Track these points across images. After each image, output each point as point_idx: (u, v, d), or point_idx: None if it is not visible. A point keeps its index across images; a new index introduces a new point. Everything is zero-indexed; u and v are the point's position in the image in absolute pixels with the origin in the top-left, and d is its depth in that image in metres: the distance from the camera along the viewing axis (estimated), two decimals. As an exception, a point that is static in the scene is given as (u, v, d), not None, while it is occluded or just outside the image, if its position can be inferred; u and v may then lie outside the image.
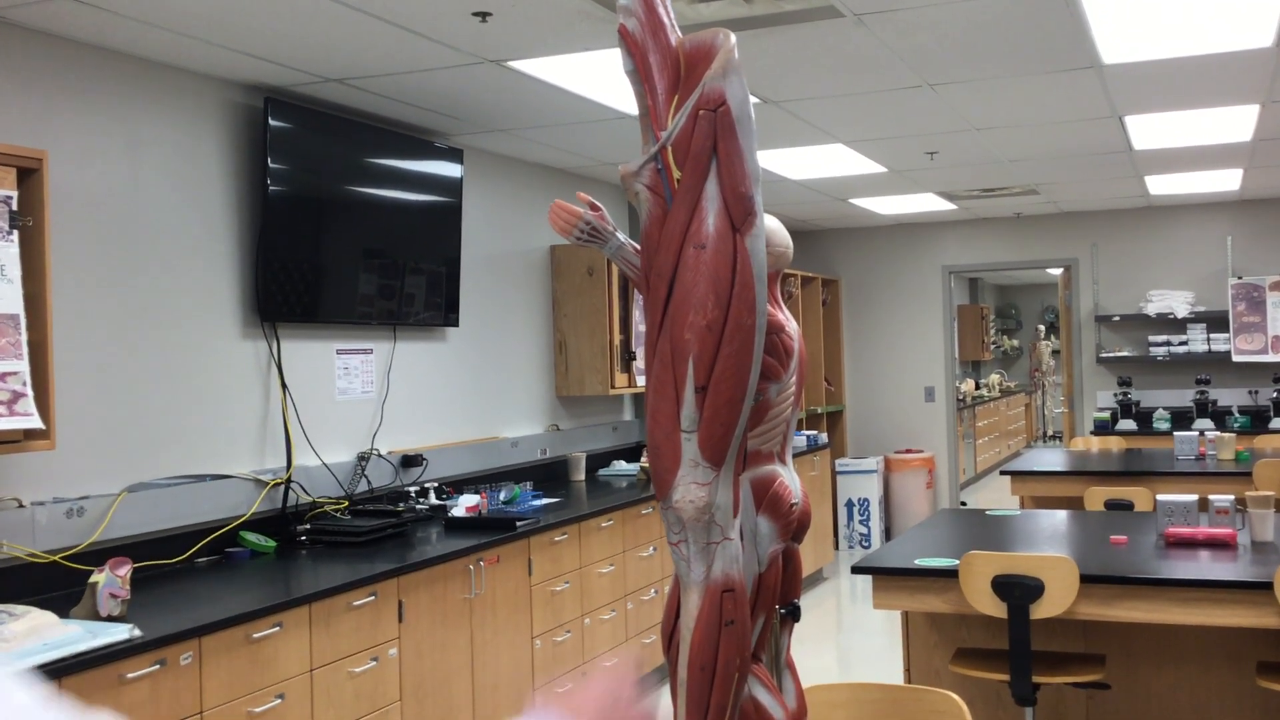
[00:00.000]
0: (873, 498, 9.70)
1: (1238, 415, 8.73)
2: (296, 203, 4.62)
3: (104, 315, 3.89)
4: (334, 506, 4.75)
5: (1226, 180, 8.07)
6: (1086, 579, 3.47)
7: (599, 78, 4.58)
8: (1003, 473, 6.87)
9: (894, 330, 10.21)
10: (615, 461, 7.06)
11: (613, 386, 6.61)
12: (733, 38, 1.22)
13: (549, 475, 6.47)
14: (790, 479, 1.65)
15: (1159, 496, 4.11)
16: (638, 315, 6.87)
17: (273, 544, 4.31)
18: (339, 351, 5.00)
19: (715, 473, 1.35)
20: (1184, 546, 3.86)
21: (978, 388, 15.37)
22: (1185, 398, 9.16)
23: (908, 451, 10.11)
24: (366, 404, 5.16)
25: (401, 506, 4.87)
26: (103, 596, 3.14)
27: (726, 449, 1.34)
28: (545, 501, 5.59)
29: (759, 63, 4.46)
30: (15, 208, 3.21)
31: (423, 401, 5.54)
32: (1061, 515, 4.86)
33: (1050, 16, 4.03)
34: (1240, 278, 8.95)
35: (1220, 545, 3.82)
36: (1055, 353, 17.88)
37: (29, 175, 3.27)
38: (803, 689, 1.69)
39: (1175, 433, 6.96)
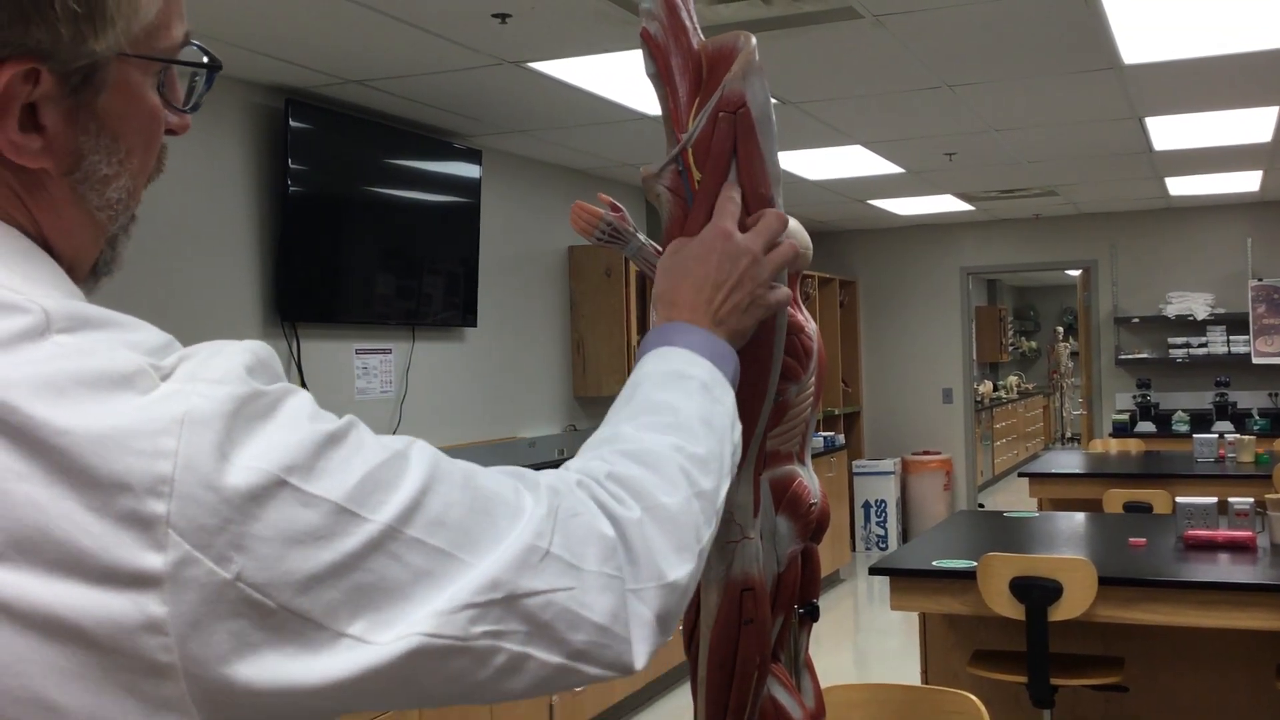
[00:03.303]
0: (890, 499, 9.68)
1: (1258, 418, 8.68)
2: (316, 203, 4.64)
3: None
4: (353, 505, 4.77)
5: (1246, 181, 8.03)
6: (1105, 581, 3.46)
7: (618, 79, 4.59)
8: (1021, 475, 6.85)
9: (911, 331, 10.19)
10: (632, 462, 7.05)
11: (630, 387, 6.62)
12: (753, 40, 1.23)
13: (566, 475, 6.48)
14: (809, 479, 1.65)
15: (1178, 499, 4.09)
16: (655, 316, 6.88)
17: (292, 542, 4.32)
18: (358, 351, 5.03)
19: (735, 472, 1.36)
20: (1203, 549, 3.84)
21: (995, 389, 15.32)
22: (1204, 400, 9.11)
23: (925, 453, 10.09)
24: (385, 404, 5.18)
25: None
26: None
27: (746, 449, 1.35)
28: (563, 501, 5.60)
29: (777, 64, 4.46)
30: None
31: (441, 401, 5.56)
32: (1080, 517, 4.85)
33: (1070, 17, 4.02)
34: (1260, 279, 8.90)
35: (1240, 548, 3.81)
36: (1074, 354, 17.79)
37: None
38: (821, 689, 1.69)
39: (1194, 435, 6.92)
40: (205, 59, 0.85)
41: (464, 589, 0.71)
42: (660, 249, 1.43)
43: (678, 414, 0.96)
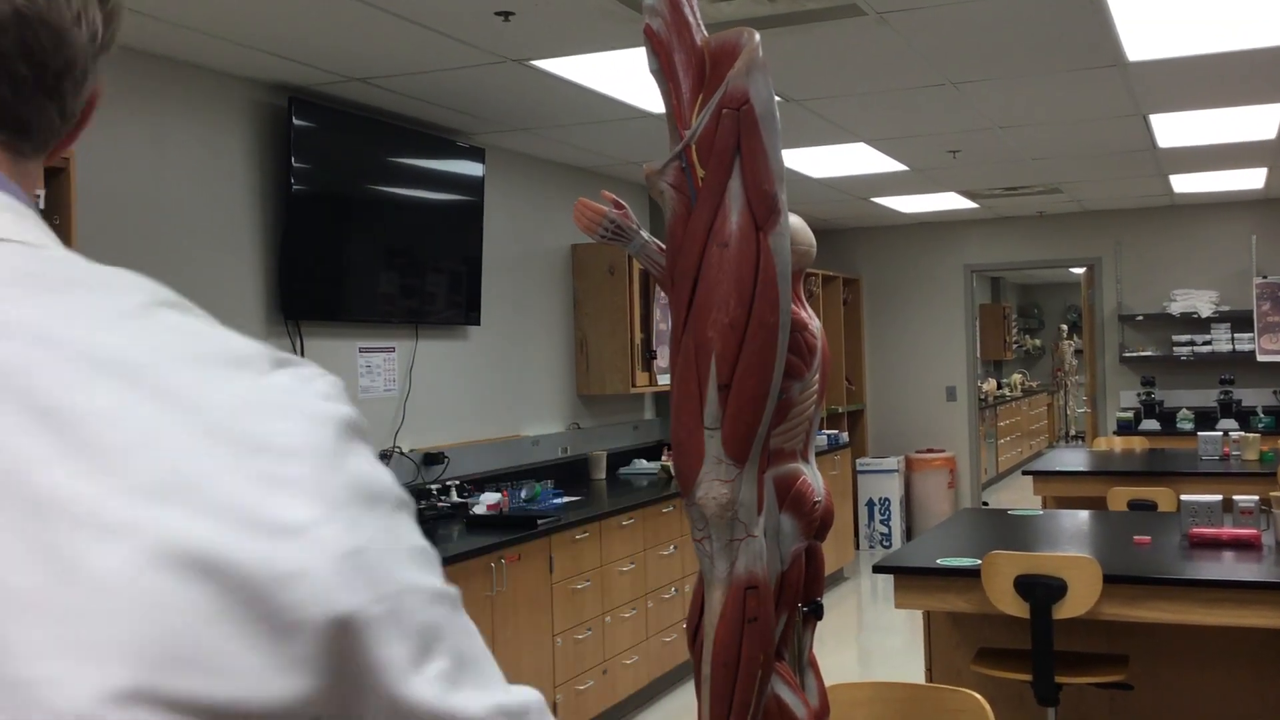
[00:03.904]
0: (894, 497, 9.67)
1: (1262, 415, 8.67)
2: (320, 201, 4.64)
3: (129, 313, 3.92)
4: (356, 504, 4.77)
5: (1251, 179, 8.02)
6: (1109, 579, 3.46)
7: (622, 76, 4.59)
8: (1025, 473, 6.84)
9: (915, 329, 10.18)
10: (636, 460, 7.06)
11: (633, 385, 6.62)
12: (757, 36, 1.23)
13: (570, 473, 6.48)
14: (813, 477, 1.65)
15: (1183, 497, 4.09)
16: (658, 314, 6.88)
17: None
18: (361, 350, 5.02)
19: (738, 470, 1.36)
20: (1208, 547, 3.84)
21: (999, 387, 15.31)
22: (1209, 398, 9.10)
23: (929, 451, 10.08)
24: (389, 402, 5.18)
25: (423, 504, 4.88)
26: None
27: (749, 446, 1.34)
28: (566, 500, 5.60)
29: (781, 61, 4.46)
30: (42, 207, 3.24)
31: (444, 399, 5.56)
32: (1084, 515, 4.84)
33: (1074, 14, 4.01)
34: (1265, 277, 8.88)
35: (1244, 546, 3.80)
36: (1078, 352, 17.78)
37: (56, 175, 3.30)
38: (825, 687, 1.69)
39: (1199, 433, 6.92)
40: None
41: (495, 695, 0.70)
42: (663, 245, 1.43)
43: None
